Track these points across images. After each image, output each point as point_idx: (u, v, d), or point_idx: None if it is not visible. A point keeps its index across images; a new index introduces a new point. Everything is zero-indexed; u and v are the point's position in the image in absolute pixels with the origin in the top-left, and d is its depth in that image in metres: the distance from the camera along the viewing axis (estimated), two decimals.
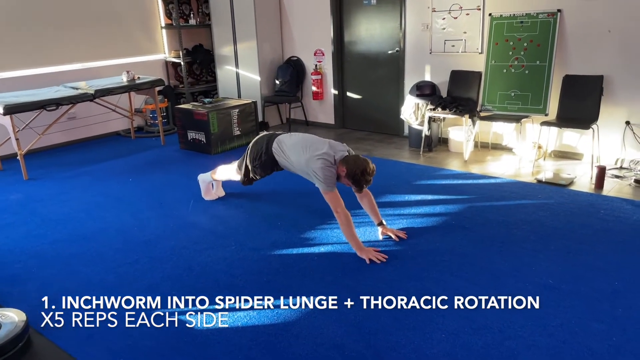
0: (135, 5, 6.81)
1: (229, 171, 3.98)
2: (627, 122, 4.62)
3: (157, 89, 6.24)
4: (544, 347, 2.30)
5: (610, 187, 4.23)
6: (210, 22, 7.06)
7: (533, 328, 2.43)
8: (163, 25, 7.12)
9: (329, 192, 3.20)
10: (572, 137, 5.00)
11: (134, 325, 2.58)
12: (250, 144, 3.74)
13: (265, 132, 3.85)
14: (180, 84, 7.41)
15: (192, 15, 7.28)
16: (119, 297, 2.84)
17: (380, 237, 3.42)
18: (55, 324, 2.60)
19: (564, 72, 4.81)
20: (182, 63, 7.07)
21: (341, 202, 3.21)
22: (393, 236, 3.39)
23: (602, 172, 4.25)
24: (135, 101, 6.68)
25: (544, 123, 4.68)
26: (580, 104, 4.67)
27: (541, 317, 2.51)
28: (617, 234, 3.38)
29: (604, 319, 2.48)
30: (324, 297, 2.76)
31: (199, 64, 7.56)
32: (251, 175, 3.76)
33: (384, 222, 3.47)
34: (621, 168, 4.66)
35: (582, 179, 4.45)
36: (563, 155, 5.08)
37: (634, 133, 4.61)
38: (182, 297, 2.81)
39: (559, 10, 4.75)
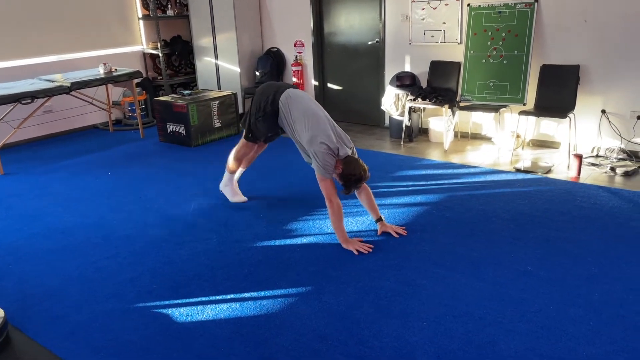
0: None
1: (238, 145, 3.76)
2: (603, 111, 4.70)
3: (135, 81, 6.16)
4: (523, 332, 2.34)
5: (587, 175, 4.31)
6: (189, 12, 6.96)
7: (512, 314, 2.47)
8: (140, 16, 7.01)
9: (325, 180, 3.14)
10: (549, 126, 5.07)
11: (114, 320, 2.56)
12: (256, 93, 3.49)
13: (273, 82, 3.59)
14: (158, 75, 7.31)
15: (169, 5, 7.18)
16: (99, 292, 2.82)
17: (379, 233, 3.36)
18: (35, 320, 2.57)
19: (542, 61, 4.87)
20: (160, 55, 6.97)
21: (335, 192, 3.17)
22: (393, 233, 3.33)
23: (579, 160, 4.32)
24: (113, 94, 6.59)
25: (522, 112, 4.73)
26: (558, 94, 4.73)
27: (520, 303, 2.56)
28: (594, 220, 3.44)
29: (581, 304, 2.53)
30: (306, 288, 2.77)
31: (178, 55, 7.47)
32: (254, 131, 3.52)
33: (383, 218, 3.42)
34: (597, 156, 4.75)
35: (560, 167, 4.52)
36: (541, 144, 5.15)
37: (609, 121, 4.69)
38: (164, 291, 2.80)
39: (536, 0, 4.79)
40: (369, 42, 6.05)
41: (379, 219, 3.40)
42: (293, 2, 6.49)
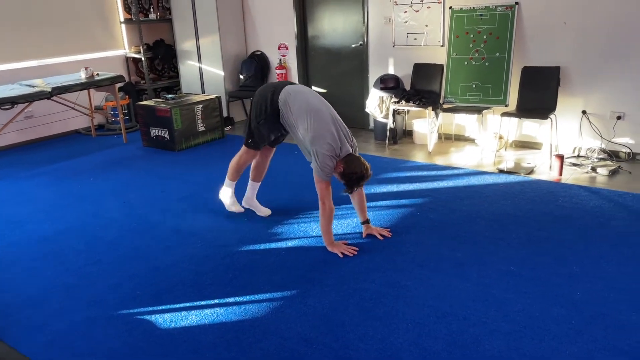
0: (92, 0, 6.62)
1: (239, 152, 3.58)
2: (584, 112, 4.76)
3: (118, 85, 6.11)
4: (507, 332, 2.36)
5: (569, 175, 4.36)
6: (171, 16, 6.93)
7: (496, 314, 2.49)
8: (122, 20, 6.96)
9: (322, 181, 3.05)
10: (531, 127, 5.12)
11: (97, 328, 2.53)
12: (254, 98, 3.35)
13: (269, 83, 3.44)
14: (141, 80, 7.26)
15: (152, 9, 7.13)
16: (81, 299, 2.78)
17: (364, 236, 3.36)
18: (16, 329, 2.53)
19: (523, 63, 4.92)
20: (143, 59, 6.92)
21: (330, 195, 3.10)
22: (377, 235, 3.33)
23: (560, 160, 4.37)
24: (95, 98, 6.53)
25: (504, 114, 4.78)
26: (539, 95, 4.79)
27: (503, 303, 2.57)
28: (575, 220, 3.49)
29: (563, 303, 2.55)
30: (291, 292, 2.76)
31: (161, 59, 7.42)
32: (256, 136, 3.36)
33: (369, 221, 3.41)
34: (578, 156, 4.81)
35: (542, 168, 4.56)
36: (523, 144, 5.20)
37: (590, 122, 4.75)
38: (147, 297, 2.78)
39: (516, 3, 4.84)
40: (353, 45, 6.07)
41: (366, 222, 3.40)
42: (276, 5, 6.49)
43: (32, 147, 6.03)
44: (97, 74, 5.97)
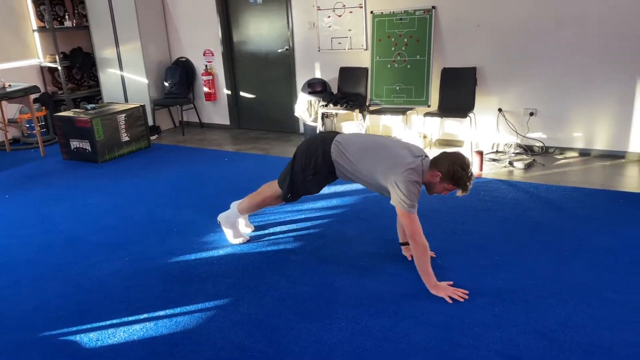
0: (0, 8, 6.24)
1: (266, 192, 3.25)
2: (500, 109, 5.03)
3: (33, 96, 5.79)
4: (436, 323, 2.44)
5: (489, 170, 4.59)
6: (89, 23, 6.66)
7: (424, 307, 2.57)
8: (35, 28, 6.61)
9: (410, 215, 2.65)
10: (453, 126, 5.35)
11: (18, 352, 2.38)
12: (297, 151, 3.06)
13: (316, 134, 3.15)
14: (59, 90, 6.92)
15: (67, 16, 6.82)
16: (1, 324, 2.62)
17: (410, 258, 3.03)
18: None
19: (442, 65, 5.13)
20: (59, 68, 6.60)
21: (420, 229, 2.69)
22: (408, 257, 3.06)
23: (480, 156, 4.59)
24: (8, 111, 6.16)
25: (427, 114, 4.96)
26: (458, 95, 5.01)
27: (431, 295, 2.66)
28: (496, 212, 3.67)
29: (486, 292, 2.68)
30: (224, 300, 2.73)
31: (79, 68, 7.12)
32: (300, 191, 3.08)
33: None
34: (497, 152, 5.07)
35: None
36: (446, 142, 5.42)
37: (506, 119, 5.03)
38: (72, 317, 2.65)
39: (433, 7, 5.05)
40: (279, 50, 6.09)
41: (406, 243, 3.08)
42: (199, 11, 6.40)
43: None
44: (9, 85, 5.64)
